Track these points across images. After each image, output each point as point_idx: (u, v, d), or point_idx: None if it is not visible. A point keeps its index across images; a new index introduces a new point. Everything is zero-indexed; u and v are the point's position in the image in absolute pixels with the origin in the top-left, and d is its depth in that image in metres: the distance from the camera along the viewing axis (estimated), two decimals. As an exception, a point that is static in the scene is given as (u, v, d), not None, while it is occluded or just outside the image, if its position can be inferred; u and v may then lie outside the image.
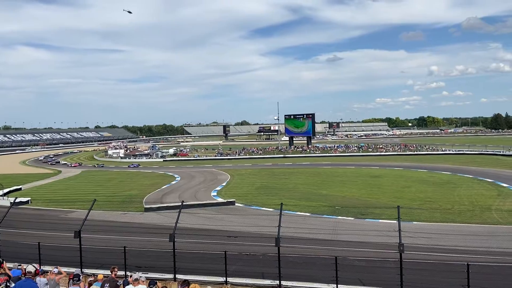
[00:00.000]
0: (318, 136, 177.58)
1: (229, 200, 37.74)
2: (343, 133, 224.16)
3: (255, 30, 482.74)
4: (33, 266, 9.92)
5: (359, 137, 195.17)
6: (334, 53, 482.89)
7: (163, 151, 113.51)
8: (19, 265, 10.85)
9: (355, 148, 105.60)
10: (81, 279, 9.83)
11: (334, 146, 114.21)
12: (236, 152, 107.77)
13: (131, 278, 9.86)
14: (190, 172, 68.05)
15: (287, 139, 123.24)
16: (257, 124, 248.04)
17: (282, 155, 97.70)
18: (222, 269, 12.69)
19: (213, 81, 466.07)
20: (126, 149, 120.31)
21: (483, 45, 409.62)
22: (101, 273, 10.86)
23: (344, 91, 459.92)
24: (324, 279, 12.28)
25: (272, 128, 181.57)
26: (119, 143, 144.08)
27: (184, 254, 14.37)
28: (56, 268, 10.50)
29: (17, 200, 39.44)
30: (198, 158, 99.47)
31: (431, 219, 28.38)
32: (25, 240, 18.71)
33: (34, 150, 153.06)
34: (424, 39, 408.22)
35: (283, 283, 12.05)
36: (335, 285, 11.77)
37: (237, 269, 14.00)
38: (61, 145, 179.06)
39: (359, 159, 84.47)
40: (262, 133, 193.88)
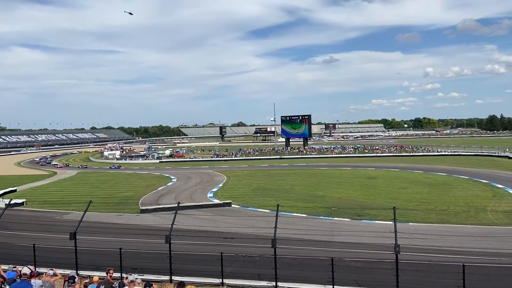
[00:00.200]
0: (314, 137, 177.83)
1: (225, 201, 37.70)
2: (340, 134, 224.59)
3: (251, 31, 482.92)
4: (28, 268, 9.86)
5: (355, 138, 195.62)
6: (330, 54, 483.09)
7: (159, 152, 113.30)
8: (14, 267, 10.77)
9: (351, 149, 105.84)
10: (76, 281, 9.78)
11: (330, 147, 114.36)
12: (232, 153, 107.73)
13: (126, 280, 9.84)
14: (186, 173, 67.93)
15: (284, 140, 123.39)
16: (254, 125, 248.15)
17: (278, 156, 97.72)
18: (218, 270, 12.68)
19: (210, 82, 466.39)
20: (122, 150, 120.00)
21: (479, 47, 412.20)
22: (97, 275, 10.81)
23: (340, 92, 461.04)
24: (320, 280, 12.29)
25: (268, 129, 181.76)
26: (115, 144, 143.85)
27: (180, 255, 14.33)
28: (51, 270, 10.45)
29: (12, 201, 39.22)
30: (194, 159, 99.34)
31: (427, 220, 28.48)
32: (20, 242, 18.58)
33: (29, 151, 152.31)
34: (420, 41, 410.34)
35: (280, 284, 12.05)
36: (331, 286, 11.78)
37: (233, 271, 14.00)
38: (56, 146, 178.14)
39: (355, 160, 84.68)
40: (258, 134, 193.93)
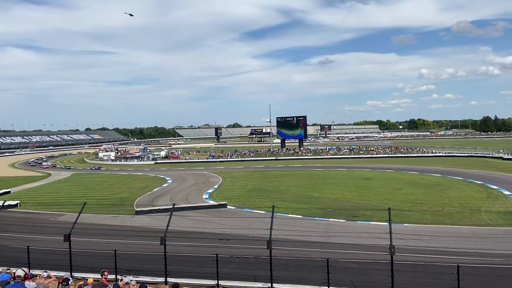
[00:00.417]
0: (310, 138, 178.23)
1: (220, 202, 37.62)
2: (335, 135, 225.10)
3: (247, 32, 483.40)
4: (22, 270, 9.81)
5: (350, 139, 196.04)
6: (325, 55, 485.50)
7: (154, 153, 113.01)
8: (8, 269, 10.71)
9: (347, 150, 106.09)
10: (70, 283, 9.74)
11: (325, 148, 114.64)
12: (228, 154, 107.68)
13: (121, 281, 9.80)
14: (181, 174, 67.76)
15: (279, 141, 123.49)
16: (249, 126, 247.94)
17: (274, 157, 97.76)
18: (213, 272, 12.66)
19: (205, 83, 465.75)
20: (117, 151, 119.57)
21: (473, 49, 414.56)
22: (91, 277, 10.76)
23: (335, 93, 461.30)
24: (315, 281, 12.31)
25: (264, 130, 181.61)
26: (110, 145, 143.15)
27: (175, 257, 14.29)
28: (45, 272, 10.39)
29: (6, 203, 38.95)
30: (189, 160, 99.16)
31: (422, 221, 28.57)
32: (14, 243, 18.44)
33: (23, 152, 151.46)
34: (414, 42, 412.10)
35: (275, 285, 12.06)
36: (327, 287, 11.80)
37: (228, 272, 13.97)
38: (51, 147, 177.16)
39: (350, 161, 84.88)
40: (254, 136, 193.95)
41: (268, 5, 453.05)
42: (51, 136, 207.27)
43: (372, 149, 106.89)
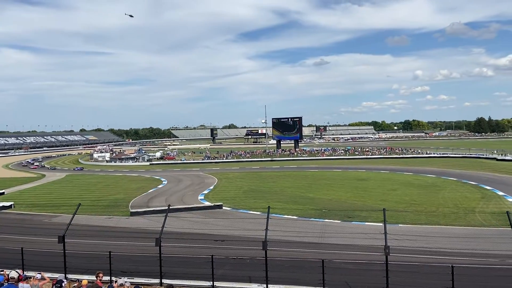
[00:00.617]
0: (305, 139, 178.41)
1: (216, 203, 37.57)
2: (330, 136, 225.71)
3: (242, 33, 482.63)
4: (16, 271, 9.76)
5: (345, 140, 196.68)
6: (321, 57, 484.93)
7: (149, 154, 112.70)
8: (1, 271, 10.66)
9: (342, 151, 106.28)
10: (64, 285, 9.69)
11: (321, 149, 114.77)
12: (223, 155, 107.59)
13: (116, 283, 9.77)
14: (177, 175, 67.61)
15: (275, 142, 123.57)
16: (245, 127, 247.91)
17: (269, 158, 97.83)
18: (209, 273, 12.64)
19: (201, 84, 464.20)
20: (112, 152, 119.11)
21: (467, 50, 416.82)
22: (86, 279, 10.72)
23: (331, 94, 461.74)
24: (311, 282, 12.33)
25: (259, 131, 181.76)
26: (105, 146, 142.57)
27: (170, 258, 14.26)
28: (39, 273, 10.34)
29: (0, 204, 38.76)
30: (185, 161, 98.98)
31: (416, 222, 28.68)
32: (8, 245, 18.32)
33: (17, 153, 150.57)
34: (409, 44, 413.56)
35: (270, 286, 12.06)
36: (322, 288, 11.82)
37: (224, 273, 13.96)
38: (45, 148, 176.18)
39: (345, 162, 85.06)
40: (249, 137, 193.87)
41: (263, 6, 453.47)
42: (45, 137, 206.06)
43: (367, 150, 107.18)
